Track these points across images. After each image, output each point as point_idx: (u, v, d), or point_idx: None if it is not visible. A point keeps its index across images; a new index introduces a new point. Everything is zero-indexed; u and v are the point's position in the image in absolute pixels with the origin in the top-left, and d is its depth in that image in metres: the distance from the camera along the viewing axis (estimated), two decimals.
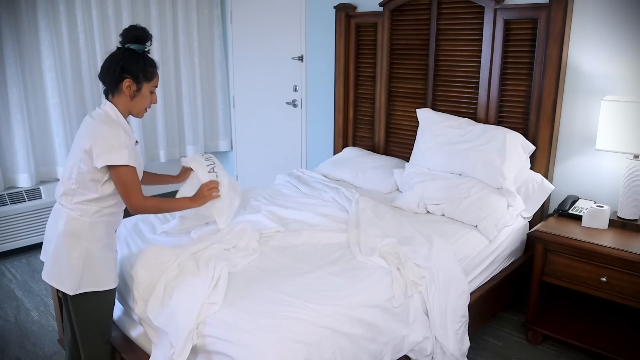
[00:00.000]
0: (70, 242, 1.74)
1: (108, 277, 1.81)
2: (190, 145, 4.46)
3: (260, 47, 4.21)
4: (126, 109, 1.81)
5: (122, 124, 1.77)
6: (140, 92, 1.79)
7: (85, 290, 1.76)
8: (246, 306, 1.72)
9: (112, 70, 1.75)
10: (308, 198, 2.82)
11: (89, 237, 1.75)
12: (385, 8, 3.19)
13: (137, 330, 2.04)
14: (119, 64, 1.74)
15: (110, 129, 1.72)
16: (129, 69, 1.75)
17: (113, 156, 1.69)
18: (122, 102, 1.79)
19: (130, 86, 1.76)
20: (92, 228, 1.76)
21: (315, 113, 3.93)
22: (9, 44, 3.35)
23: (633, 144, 2.27)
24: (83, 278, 1.75)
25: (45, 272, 1.82)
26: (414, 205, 2.63)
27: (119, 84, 1.76)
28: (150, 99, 1.84)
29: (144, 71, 1.77)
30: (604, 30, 2.47)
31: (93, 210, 1.76)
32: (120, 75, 1.75)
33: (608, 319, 2.51)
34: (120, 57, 1.76)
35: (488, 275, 2.46)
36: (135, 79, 1.76)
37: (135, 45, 1.78)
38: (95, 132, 1.71)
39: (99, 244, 1.78)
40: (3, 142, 3.48)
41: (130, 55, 1.76)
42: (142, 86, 1.79)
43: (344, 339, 1.71)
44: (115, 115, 1.77)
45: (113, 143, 1.69)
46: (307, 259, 2.07)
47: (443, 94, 3.05)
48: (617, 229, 2.36)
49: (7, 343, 2.56)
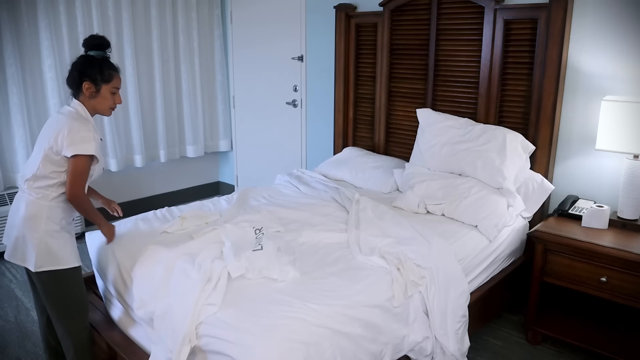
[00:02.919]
0: (31, 224, 1.89)
1: (69, 256, 1.93)
2: (190, 145, 4.46)
3: (260, 47, 4.21)
4: (91, 108, 1.99)
5: (90, 121, 1.95)
6: (100, 92, 1.97)
7: (48, 268, 1.89)
8: (246, 306, 1.72)
9: (72, 74, 1.96)
10: (308, 198, 2.82)
11: (46, 220, 1.90)
12: (385, 8, 3.19)
13: (137, 330, 2.04)
14: (77, 69, 1.95)
15: (81, 123, 1.90)
16: (87, 73, 1.94)
17: (82, 146, 1.86)
18: (86, 102, 1.97)
19: (89, 88, 1.95)
20: (50, 211, 1.91)
21: (315, 113, 3.93)
22: (9, 44, 3.35)
23: (633, 144, 2.27)
24: (44, 257, 1.88)
25: (8, 252, 1.95)
26: (414, 205, 2.63)
27: (80, 87, 1.95)
28: (113, 99, 2.01)
29: (101, 74, 1.95)
30: (604, 30, 2.47)
31: (52, 196, 1.91)
32: (80, 78, 1.94)
33: (608, 319, 2.51)
34: (80, 63, 1.96)
35: (488, 275, 2.46)
36: (93, 81, 1.94)
37: (94, 52, 1.98)
38: (68, 125, 1.87)
39: (56, 226, 1.92)
40: (3, 142, 3.48)
41: (88, 61, 1.96)
42: (100, 87, 1.96)
43: (343, 339, 1.71)
44: (84, 113, 1.96)
45: (84, 135, 1.87)
46: (307, 259, 2.07)
47: (443, 94, 3.05)
48: (617, 229, 2.36)
49: (7, 343, 2.56)
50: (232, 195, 2.89)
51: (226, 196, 2.89)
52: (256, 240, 2.09)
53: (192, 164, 4.70)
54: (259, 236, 2.14)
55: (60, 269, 1.90)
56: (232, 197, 2.85)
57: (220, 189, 4.96)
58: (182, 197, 4.62)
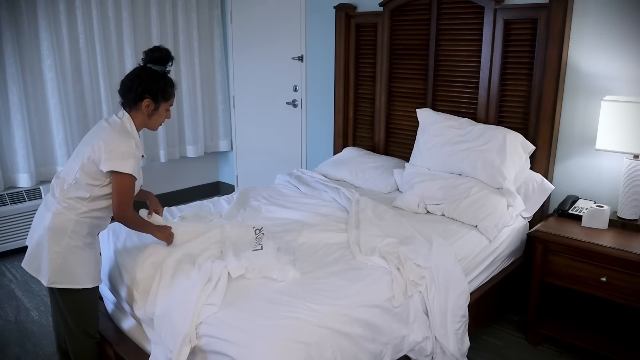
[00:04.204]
0: (53, 236, 1.79)
1: (85, 276, 1.84)
2: (190, 145, 4.46)
3: (260, 47, 4.21)
4: (142, 124, 1.92)
5: (134, 136, 1.86)
6: (158, 111, 1.91)
7: (60, 285, 1.81)
8: (246, 306, 1.72)
9: (134, 89, 1.85)
10: (308, 198, 2.82)
11: (71, 234, 1.81)
12: (385, 8, 3.19)
13: (136, 330, 2.04)
14: (141, 84, 1.85)
15: (123, 138, 1.80)
16: (150, 90, 1.85)
17: (121, 163, 1.77)
18: (139, 118, 1.89)
19: (149, 105, 1.87)
20: (76, 226, 1.82)
21: (315, 113, 3.93)
22: (9, 44, 3.35)
23: (633, 144, 2.27)
24: (59, 273, 1.80)
25: (25, 260, 1.87)
26: (414, 205, 2.63)
27: (138, 102, 1.87)
28: (165, 116, 1.95)
29: (163, 92, 1.87)
30: (604, 30, 2.47)
31: (82, 210, 1.82)
32: (142, 95, 1.85)
33: (608, 319, 2.51)
34: (143, 78, 1.85)
35: (488, 275, 2.46)
36: (154, 99, 1.87)
37: (158, 67, 1.88)
38: (109, 137, 1.79)
39: (80, 242, 1.83)
40: (3, 142, 3.48)
41: (151, 76, 1.86)
42: (159, 105, 1.90)
43: (344, 339, 1.71)
44: (130, 127, 1.87)
45: (123, 151, 1.77)
46: (307, 259, 2.07)
47: (443, 94, 3.05)
48: (617, 229, 2.36)
49: (7, 343, 2.56)
50: (232, 195, 2.89)
51: (226, 196, 2.89)
52: (256, 240, 2.09)
53: (192, 164, 4.70)
54: (259, 236, 2.14)
55: (74, 288, 1.82)
56: (232, 197, 2.85)
57: (220, 189, 4.96)
58: (182, 197, 4.62)
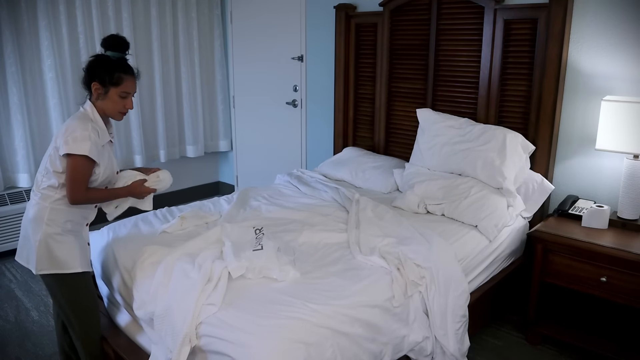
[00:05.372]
0: (34, 226, 1.87)
1: (71, 260, 1.88)
2: (190, 145, 4.46)
3: (260, 47, 4.21)
4: (99, 109, 1.93)
5: (97, 122, 1.90)
6: (107, 95, 1.90)
7: (48, 271, 1.86)
8: (246, 306, 1.72)
9: (84, 73, 1.92)
10: (308, 198, 2.82)
11: (48, 221, 1.86)
12: (385, 8, 3.19)
13: (136, 330, 2.04)
14: (88, 69, 1.91)
15: (80, 123, 1.84)
16: (96, 74, 1.89)
17: (74, 145, 1.80)
18: (95, 103, 1.93)
19: (97, 89, 1.90)
20: (52, 214, 1.87)
21: (315, 113, 3.93)
22: (9, 44, 3.35)
23: (633, 144, 2.27)
24: (45, 260, 1.86)
25: (17, 252, 1.96)
26: (414, 205, 2.63)
27: (90, 86, 1.91)
28: (123, 103, 1.94)
29: (109, 75, 1.88)
30: (604, 30, 2.47)
31: (54, 198, 1.87)
32: (90, 79, 1.90)
33: (608, 319, 2.51)
34: (91, 63, 1.91)
35: (488, 275, 2.46)
36: (101, 83, 1.89)
37: (111, 53, 1.91)
38: (68, 125, 1.85)
39: (57, 229, 1.88)
40: (3, 142, 3.48)
41: (100, 61, 1.90)
42: (108, 89, 1.90)
43: (344, 339, 1.71)
44: (92, 114, 1.91)
45: (77, 135, 1.81)
46: (307, 259, 2.07)
47: (443, 94, 3.05)
48: (617, 229, 2.36)
49: (7, 343, 2.56)
50: (232, 195, 2.88)
51: (226, 196, 2.89)
52: (256, 240, 2.09)
53: (192, 164, 4.70)
54: (259, 236, 2.13)
55: (63, 273, 1.87)
56: (232, 197, 2.84)
57: (220, 189, 4.96)
58: (182, 197, 4.62)
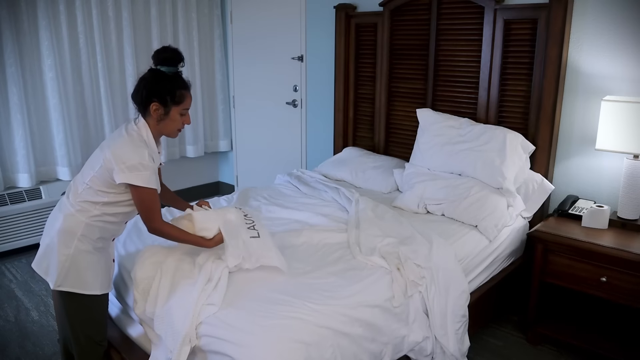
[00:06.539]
0: (63, 239, 1.76)
1: (93, 281, 1.80)
2: (190, 145, 4.46)
3: (260, 47, 4.21)
4: (156, 130, 1.81)
5: (150, 146, 1.77)
6: (169, 115, 1.78)
7: (67, 289, 1.77)
8: (246, 306, 1.72)
9: (140, 92, 1.75)
10: (308, 198, 2.82)
11: (81, 237, 1.76)
12: (385, 8, 3.19)
13: (136, 330, 2.04)
14: (145, 87, 1.74)
15: (136, 149, 1.71)
16: (155, 92, 1.74)
17: (134, 176, 1.69)
18: (151, 124, 1.79)
19: (157, 109, 1.76)
20: (87, 229, 1.77)
21: (315, 113, 3.93)
22: (9, 44, 3.35)
23: (633, 144, 2.27)
24: (67, 276, 1.76)
25: (36, 260, 1.84)
26: (414, 205, 2.63)
27: (147, 107, 1.76)
28: (182, 120, 1.82)
29: (171, 94, 1.75)
30: (604, 30, 2.47)
31: (94, 213, 1.78)
32: (148, 98, 1.74)
33: (608, 319, 2.51)
34: (148, 80, 1.75)
35: (488, 275, 2.46)
36: (163, 103, 1.75)
37: (165, 68, 1.75)
38: (120, 148, 1.71)
39: (89, 246, 1.79)
40: (3, 142, 3.48)
41: (158, 78, 1.74)
42: (170, 109, 1.77)
43: (344, 339, 1.71)
44: (146, 135, 1.77)
45: (135, 163, 1.69)
46: (307, 259, 2.07)
47: (443, 94, 3.05)
48: (617, 229, 2.36)
49: (7, 343, 2.56)
50: (232, 195, 2.89)
51: (226, 196, 2.89)
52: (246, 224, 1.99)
53: (192, 164, 4.70)
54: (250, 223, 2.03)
55: (81, 293, 1.77)
56: (232, 197, 2.85)
57: (220, 189, 4.96)
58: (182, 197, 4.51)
